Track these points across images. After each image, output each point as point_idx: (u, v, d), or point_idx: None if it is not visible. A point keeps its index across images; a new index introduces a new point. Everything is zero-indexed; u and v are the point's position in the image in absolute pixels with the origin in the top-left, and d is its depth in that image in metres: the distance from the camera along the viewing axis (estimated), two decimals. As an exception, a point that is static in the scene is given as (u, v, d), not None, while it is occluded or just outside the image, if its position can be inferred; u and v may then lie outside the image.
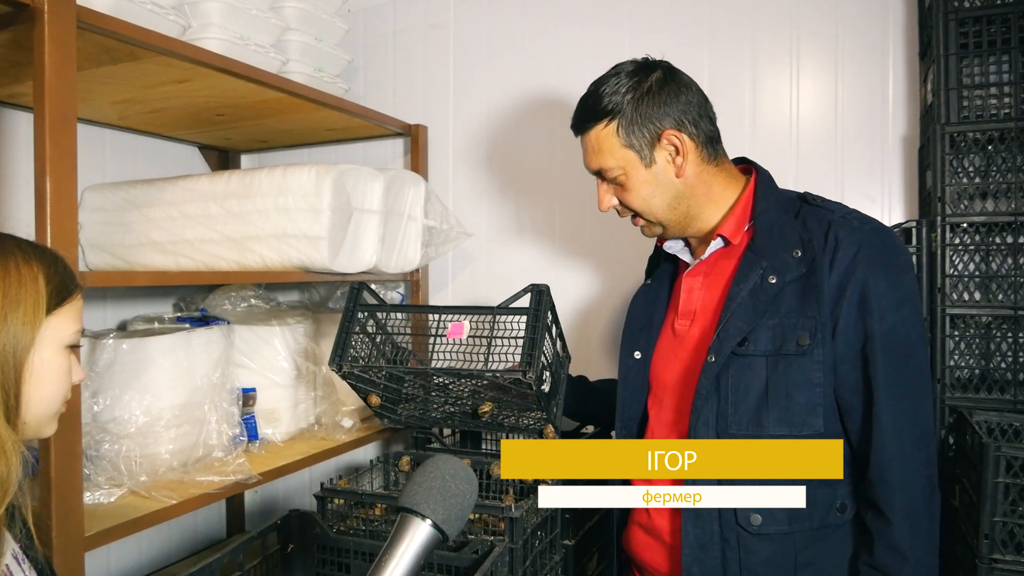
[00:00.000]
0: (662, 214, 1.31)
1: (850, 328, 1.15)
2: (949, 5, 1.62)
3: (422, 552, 0.79)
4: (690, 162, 1.27)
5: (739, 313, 1.19)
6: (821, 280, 1.16)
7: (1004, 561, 1.27)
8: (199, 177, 1.92)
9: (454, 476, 0.84)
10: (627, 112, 1.26)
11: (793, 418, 1.16)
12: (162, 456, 1.58)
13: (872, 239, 1.18)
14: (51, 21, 1.20)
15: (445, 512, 0.81)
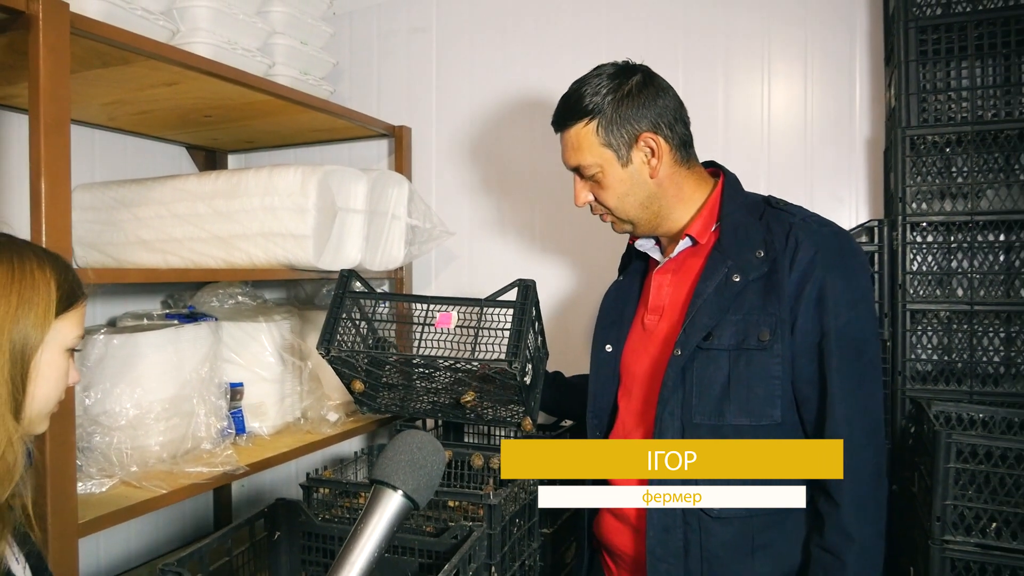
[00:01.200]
0: (634, 212, 1.37)
1: (808, 324, 1.22)
2: (910, 13, 1.69)
3: (395, 520, 0.84)
4: (664, 164, 1.34)
5: (704, 309, 1.26)
6: (781, 279, 1.22)
7: (955, 542, 1.34)
8: (187, 177, 1.97)
9: (421, 448, 0.89)
10: (607, 112, 1.32)
11: (753, 409, 1.22)
12: (152, 448, 1.63)
13: (830, 241, 1.25)
14: (46, 28, 1.25)
15: (415, 482, 0.86)
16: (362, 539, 0.84)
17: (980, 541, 1.33)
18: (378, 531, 0.84)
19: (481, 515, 1.48)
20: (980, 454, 1.34)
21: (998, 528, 1.33)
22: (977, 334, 1.63)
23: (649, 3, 2.15)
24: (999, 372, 1.64)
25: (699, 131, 1.43)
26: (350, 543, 0.83)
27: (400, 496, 0.86)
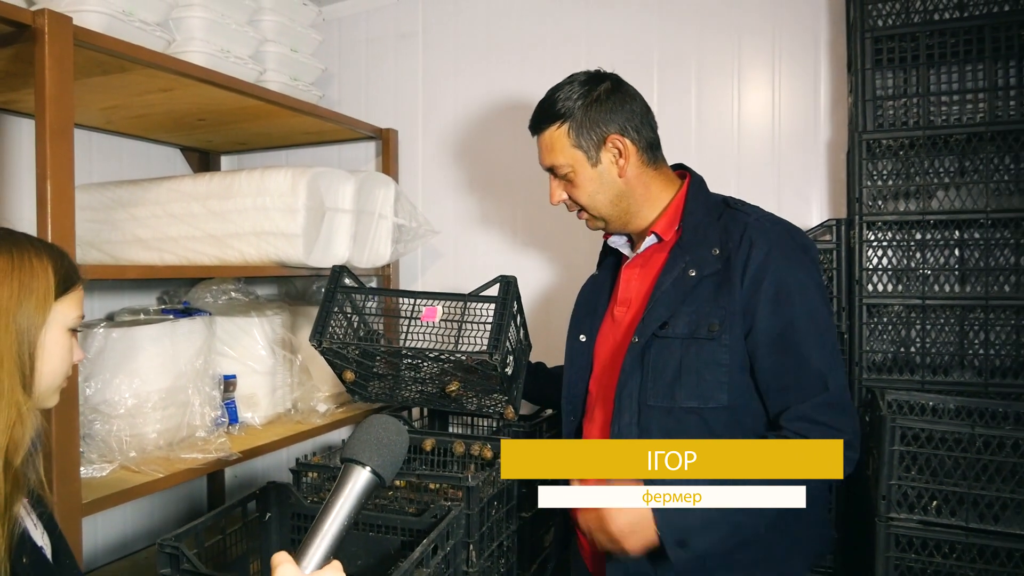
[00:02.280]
0: (605, 209, 1.47)
1: (767, 319, 1.31)
2: (866, 24, 1.79)
3: (363, 493, 0.93)
4: (631, 164, 1.43)
5: (662, 301, 1.35)
6: (734, 275, 1.32)
7: (899, 519, 1.45)
8: (182, 178, 2.06)
9: (387, 430, 0.98)
10: (577, 116, 1.42)
11: (702, 392, 1.32)
12: (149, 435, 1.72)
13: (783, 239, 1.35)
14: (51, 40, 1.34)
15: (380, 459, 0.94)
16: (334, 510, 0.92)
17: (922, 518, 1.43)
18: (348, 503, 0.93)
19: (460, 497, 1.58)
20: (923, 438, 1.44)
21: (938, 506, 1.43)
22: (928, 327, 1.73)
23: (626, 13, 2.24)
24: (951, 362, 1.74)
25: (673, 134, 1.53)
26: (323, 514, 0.92)
27: (368, 472, 0.94)
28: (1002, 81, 1.71)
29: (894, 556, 1.45)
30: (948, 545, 1.42)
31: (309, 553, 0.88)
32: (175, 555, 1.30)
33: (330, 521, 0.90)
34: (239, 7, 1.91)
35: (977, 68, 1.73)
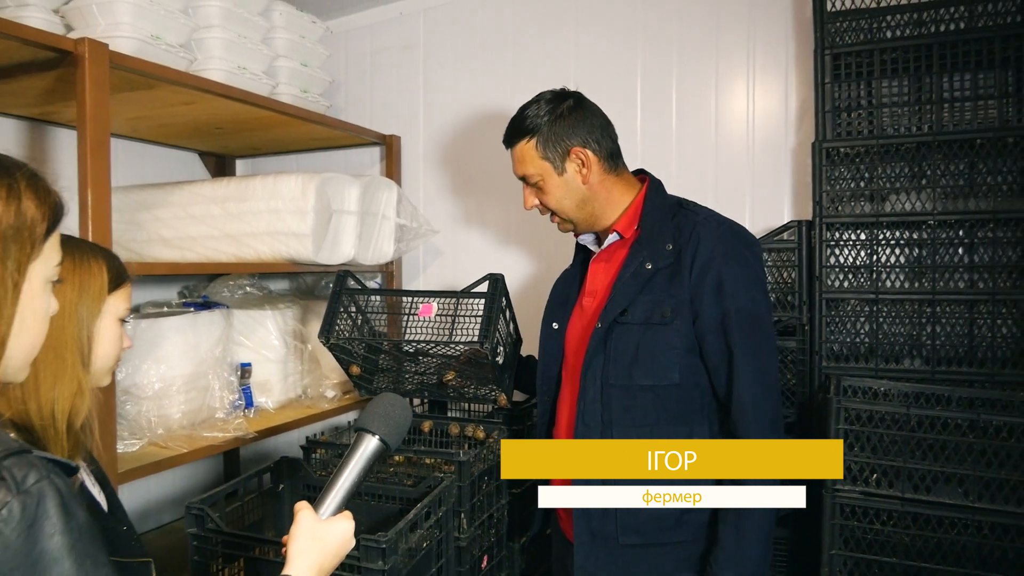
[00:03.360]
0: (572, 213, 1.64)
1: (711, 307, 1.47)
2: (826, 41, 1.95)
3: (372, 457, 1.11)
4: (593, 172, 1.60)
5: (622, 291, 1.52)
6: (683, 268, 1.49)
7: (843, 490, 1.62)
8: (202, 182, 2.25)
9: (393, 405, 1.16)
10: (544, 131, 1.59)
11: (656, 372, 1.48)
12: (174, 416, 1.91)
13: (727, 236, 1.51)
14: (91, 65, 1.53)
15: (387, 429, 1.13)
16: (347, 470, 1.11)
17: (864, 489, 1.60)
18: (360, 464, 1.11)
19: (453, 471, 1.76)
20: (864, 418, 1.61)
21: (878, 478, 1.60)
22: (881, 319, 1.90)
23: (611, 31, 2.41)
24: (901, 352, 1.90)
25: (655, 141, 1.67)
26: (338, 472, 1.10)
27: (377, 440, 1.12)
28: (947, 94, 1.87)
29: (839, 523, 1.62)
30: (886, 513, 1.59)
31: (326, 503, 1.07)
32: (201, 516, 1.49)
33: (344, 478, 1.09)
34: (254, 27, 2.09)
35: (926, 82, 1.89)
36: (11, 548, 0.68)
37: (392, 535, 1.37)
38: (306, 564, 1.00)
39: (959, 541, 1.53)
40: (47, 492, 0.71)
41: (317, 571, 1.01)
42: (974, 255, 1.84)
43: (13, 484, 0.69)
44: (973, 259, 1.84)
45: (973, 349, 1.83)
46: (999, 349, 1.80)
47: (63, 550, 0.71)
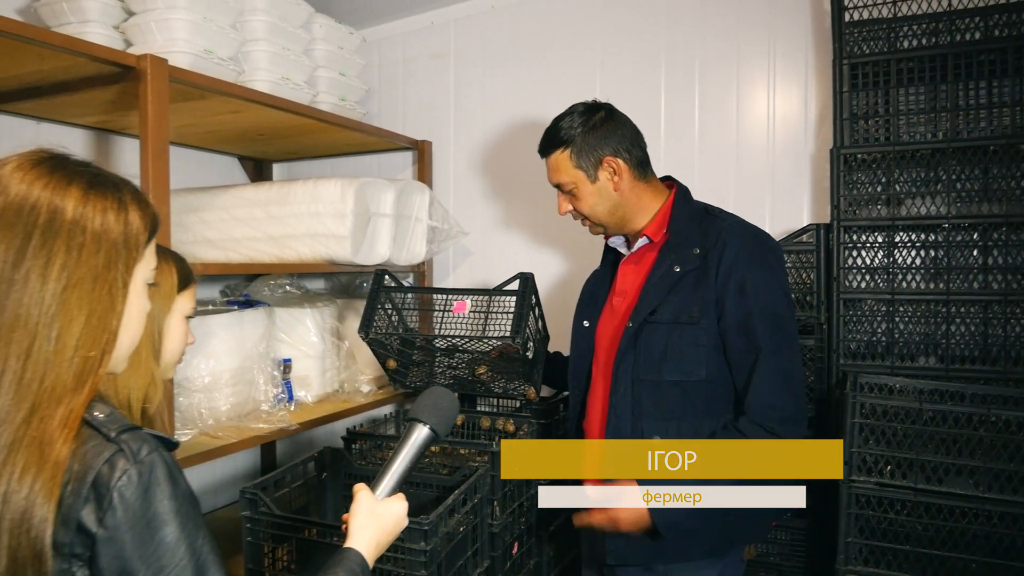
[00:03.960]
0: (604, 218, 1.73)
1: (735, 307, 1.56)
2: (844, 51, 2.03)
3: (423, 444, 1.21)
4: (624, 180, 1.69)
5: (652, 292, 1.62)
6: (710, 271, 1.57)
7: (859, 481, 1.70)
8: (245, 186, 2.36)
9: (442, 397, 1.26)
10: (578, 142, 1.68)
11: (684, 368, 1.57)
12: (222, 408, 2.02)
13: (751, 242, 1.60)
14: (152, 79, 1.64)
15: (437, 419, 1.22)
16: (400, 455, 1.21)
17: (879, 480, 1.68)
18: (412, 450, 1.21)
19: (486, 460, 1.85)
20: (879, 412, 1.69)
21: (892, 470, 1.68)
22: (896, 319, 1.97)
23: (636, 39, 2.50)
24: (916, 350, 1.98)
25: (678, 147, 1.76)
26: (392, 457, 1.20)
27: (427, 428, 1.22)
28: (962, 102, 1.94)
29: (855, 512, 1.70)
30: (900, 503, 1.67)
31: (382, 485, 1.17)
32: (254, 499, 1.60)
33: (398, 463, 1.19)
34: (297, 39, 2.21)
35: (941, 90, 1.96)
36: (131, 508, 0.79)
37: (433, 518, 1.47)
38: (365, 539, 1.10)
39: (969, 530, 1.61)
40: (157, 462, 0.82)
41: (375, 546, 1.11)
42: (988, 257, 1.91)
43: (131, 454, 0.81)
44: (987, 261, 1.91)
45: (987, 348, 1.90)
46: (1012, 348, 1.87)
47: (170, 513, 0.82)
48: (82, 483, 0.79)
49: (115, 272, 0.86)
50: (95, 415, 0.84)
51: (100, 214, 0.85)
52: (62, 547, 0.78)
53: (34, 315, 0.80)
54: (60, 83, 1.75)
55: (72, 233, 0.83)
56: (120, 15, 1.90)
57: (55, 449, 0.78)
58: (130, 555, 0.79)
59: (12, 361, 0.79)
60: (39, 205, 0.82)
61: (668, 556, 1.60)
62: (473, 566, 1.72)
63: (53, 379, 0.81)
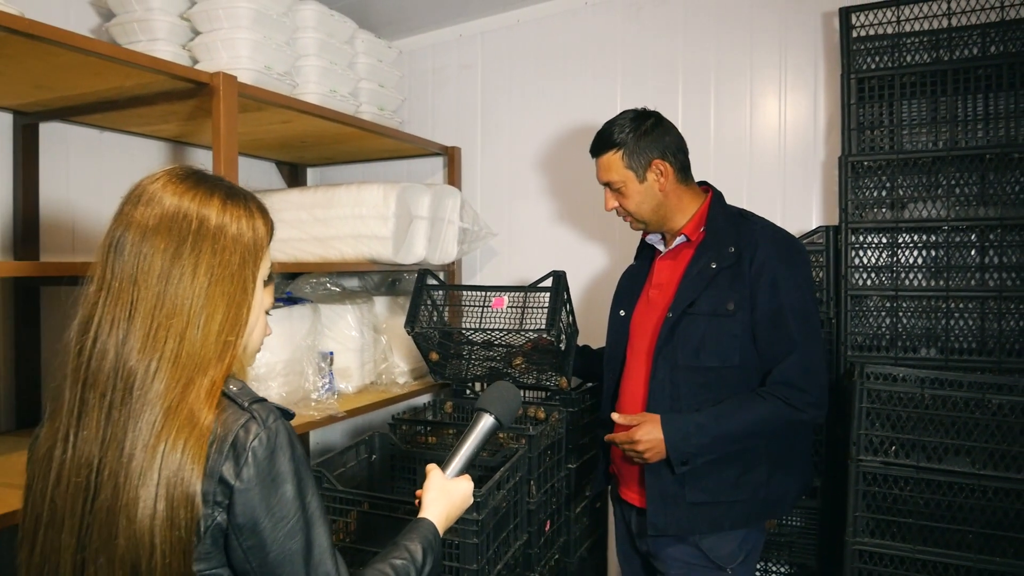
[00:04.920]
0: (648, 216, 1.89)
1: (767, 302, 1.72)
2: (852, 66, 2.19)
3: (489, 432, 1.36)
4: (669, 182, 1.86)
5: (690, 286, 1.78)
6: (744, 268, 1.74)
7: (866, 460, 1.86)
8: (290, 191, 2.53)
9: (507, 390, 1.41)
10: (630, 145, 1.84)
11: (720, 355, 1.73)
12: (275, 396, 2.18)
13: (781, 243, 1.77)
14: (224, 94, 1.80)
15: (500, 410, 1.37)
16: (468, 441, 1.36)
17: (884, 459, 1.85)
18: (478, 437, 1.36)
19: (523, 443, 2.02)
20: (884, 398, 1.85)
21: (896, 450, 1.84)
22: (900, 314, 2.14)
23: (655, 49, 2.66)
24: (919, 343, 2.14)
25: (693, 150, 1.90)
26: (460, 442, 1.35)
27: (492, 418, 1.38)
28: (961, 114, 2.11)
29: (863, 489, 1.86)
30: (904, 480, 1.83)
31: (452, 465, 1.33)
32: (319, 476, 1.76)
33: (466, 447, 1.35)
34: (342, 54, 2.37)
35: (942, 102, 2.12)
36: (261, 466, 0.94)
37: (485, 491, 1.64)
38: (437, 511, 1.26)
39: (967, 504, 1.77)
40: (280, 429, 0.98)
41: (445, 518, 1.27)
42: (985, 257, 2.08)
43: (261, 421, 0.96)
44: (984, 260, 2.07)
45: (984, 340, 2.06)
46: (1006, 340, 2.03)
47: (290, 473, 0.97)
48: (224, 443, 0.93)
49: (247, 270, 1.02)
50: (231, 388, 0.99)
51: (236, 221, 1.01)
52: (207, 495, 0.92)
53: (187, 306, 0.96)
54: (136, 97, 1.91)
55: (216, 238, 0.98)
56: (186, 33, 2.06)
57: (203, 416, 0.94)
58: (257, 505, 0.94)
59: (171, 343, 0.94)
60: (190, 214, 0.97)
61: (704, 527, 1.76)
62: (514, 539, 1.88)
63: (202, 358, 0.96)
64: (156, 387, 0.92)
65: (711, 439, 1.69)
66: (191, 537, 0.90)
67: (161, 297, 0.95)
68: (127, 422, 0.91)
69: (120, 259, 0.95)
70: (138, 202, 0.97)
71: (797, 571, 2.34)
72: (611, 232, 2.68)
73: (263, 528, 0.93)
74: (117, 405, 0.92)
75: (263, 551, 0.93)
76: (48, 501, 0.93)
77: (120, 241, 0.95)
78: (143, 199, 0.97)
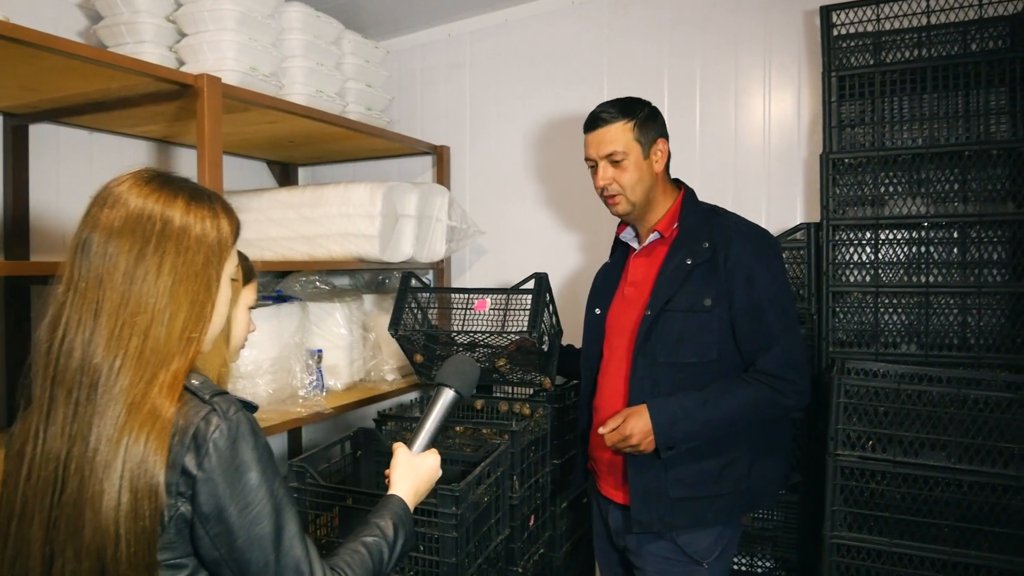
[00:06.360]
0: (639, 196, 1.87)
1: (744, 298, 1.74)
2: (833, 64, 2.21)
3: (450, 405, 1.38)
4: (662, 168, 1.88)
5: (666, 283, 1.80)
6: (719, 264, 1.75)
7: (843, 454, 1.88)
8: (279, 190, 2.55)
9: (464, 363, 1.44)
10: (641, 118, 1.86)
11: (698, 351, 1.76)
12: (263, 393, 2.21)
13: (753, 238, 1.79)
14: (208, 95, 1.83)
15: (460, 382, 1.40)
16: (431, 415, 1.38)
17: (861, 454, 1.86)
18: (440, 411, 1.39)
19: (507, 439, 2.04)
20: (861, 393, 1.87)
21: (873, 444, 1.86)
22: (881, 310, 2.16)
23: (642, 48, 2.68)
24: (899, 339, 2.16)
25: (679, 149, 1.93)
26: (424, 418, 1.38)
27: (452, 391, 1.40)
28: (941, 111, 2.12)
29: (840, 483, 1.88)
30: (880, 474, 1.85)
31: (417, 441, 1.36)
32: (302, 472, 1.79)
33: (430, 422, 1.38)
34: (329, 55, 2.40)
35: (922, 99, 2.14)
36: (223, 456, 0.96)
37: (463, 486, 1.66)
38: (406, 487, 1.29)
39: (943, 497, 1.79)
40: (242, 420, 1.00)
41: (414, 493, 1.30)
42: (965, 253, 2.09)
43: (222, 412, 0.98)
44: (964, 256, 2.09)
45: (964, 336, 2.08)
46: (984, 336, 2.05)
47: (253, 461, 0.99)
48: (185, 435, 0.96)
49: (211, 268, 1.04)
50: (192, 382, 1.01)
51: (200, 222, 1.03)
52: (170, 486, 0.95)
53: (151, 304, 0.98)
54: (122, 99, 1.94)
55: (180, 238, 1.01)
56: (173, 35, 2.09)
57: (165, 410, 0.96)
58: (222, 493, 0.96)
59: (135, 340, 0.97)
60: (154, 215, 1.00)
61: (687, 522, 1.78)
62: (496, 533, 1.91)
63: (165, 354, 0.98)
64: (120, 383, 0.94)
65: (699, 424, 1.71)
66: (155, 527, 0.92)
67: (126, 296, 0.97)
68: (92, 417, 0.94)
69: (87, 260, 0.97)
70: (104, 204, 0.99)
71: (780, 565, 2.36)
72: (600, 230, 2.70)
73: (229, 515, 0.96)
74: (83, 401, 0.94)
75: (230, 537, 0.96)
76: (20, 495, 0.96)
77: (87, 242, 0.98)
78: (108, 201, 0.99)
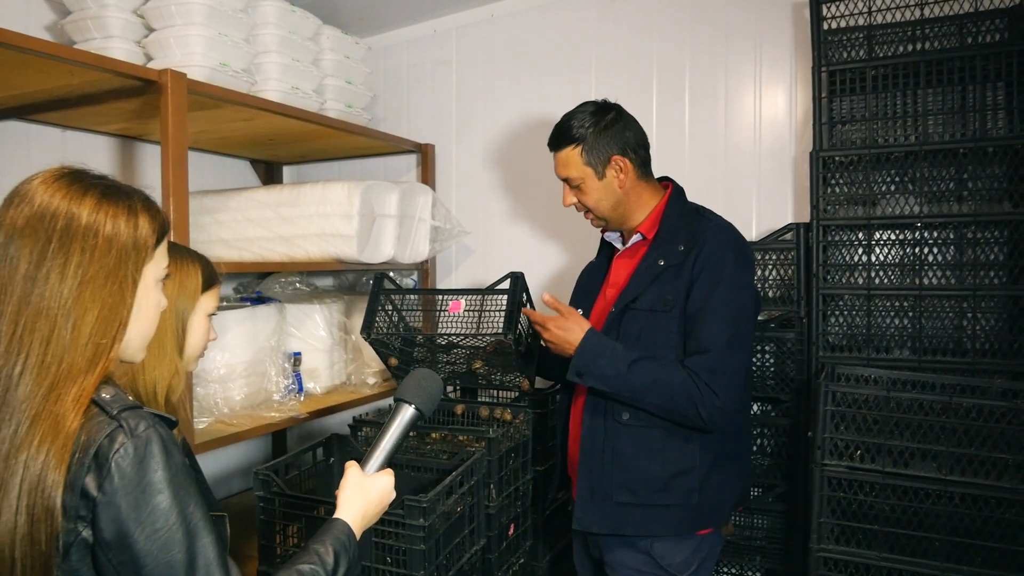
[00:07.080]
0: (607, 213, 1.84)
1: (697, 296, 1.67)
2: (823, 59, 2.14)
3: (409, 423, 1.31)
4: (628, 179, 1.81)
5: (635, 282, 1.75)
6: (689, 265, 1.69)
7: (831, 465, 1.81)
8: (256, 189, 2.49)
9: (425, 378, 1.36)
10: (589, 140, 1.79)
11: (656, 351, 1.69)
12: (236, 398, 2.15)
13: (727, 244, 1.71)
14: (172, 92, 1.77)
15: (420, 398, 1.32)
16: (388, 433, 1.31)
17: (849, 464, 1.79)
18: (399, 429, 1.32)
19: (484, 446, 1.97)
20: (849, 400, 1.80)
21: (862, 455, 1.79)
22: (873, 313, 2.08)
23: (630, 45, 2.61)
24: (891, 343, 2.09)
25: (667, 147, 1.87)
26: (380, 435, 1.31)
27: (412, 408, 1.33)
28: (934, 107, 2.05)
29: (827, 494, 1.81)
30: (869, 485, 1.77)
31: (371, 461, 1.28)
32: (267, 480, 1.73)
33: (385, 441, 1.30)
34: (306, 51, 2.34)
35: (916, 95, 2.06)
36: (127, 477, 0.89)
37: (432, 496, 1.60)
38: (352, 510, 1.22)
39: (934, 510, 1.71)
40: (152, 437, 0.93)
41: (362, 516, 1.22)
42: (960, 254, 2.02)
43: (128, 430, 0.91)
44: (959, 258, 2.02)
45: (959, 340, 2.01)
46: (980, 340, 1.98)
47: (164, 482, 0.92)
48: (86, 454, 0.89)
49: (125, 270, 0.96)
50: (102, 396, 0.94)
51: (111, 220, 0.96)
52: (69, 509, 0.89)
53: (54, 307, 0.91)
54: (87, 95, 1.88)
55: (86, 237, 0.94)
56: (141, 30, 2.03)
57: (67, 423, 0.89)
58: (126, 518, 0.89)
59: (36, 346, 0.90)
60: (58, 213, 0.93)
61: (629, 528, 1.72)
62: (470, 544, 1.84)
63: (69, 362, 0.91)
64: (20, 392, 0.89)
65: (615, 374, 1.67)
66: (51, 552, 0.86)
67: (26, 299, 0.91)
68: None
69: None
70: (11, 203, 0.93)
71: (769, 576, 2.29)
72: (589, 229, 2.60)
73: (135, 541, 0.89)
74: None
75: (136, 565, 0.89)
76: None
77: None
78: (15, 200, 0.93)
